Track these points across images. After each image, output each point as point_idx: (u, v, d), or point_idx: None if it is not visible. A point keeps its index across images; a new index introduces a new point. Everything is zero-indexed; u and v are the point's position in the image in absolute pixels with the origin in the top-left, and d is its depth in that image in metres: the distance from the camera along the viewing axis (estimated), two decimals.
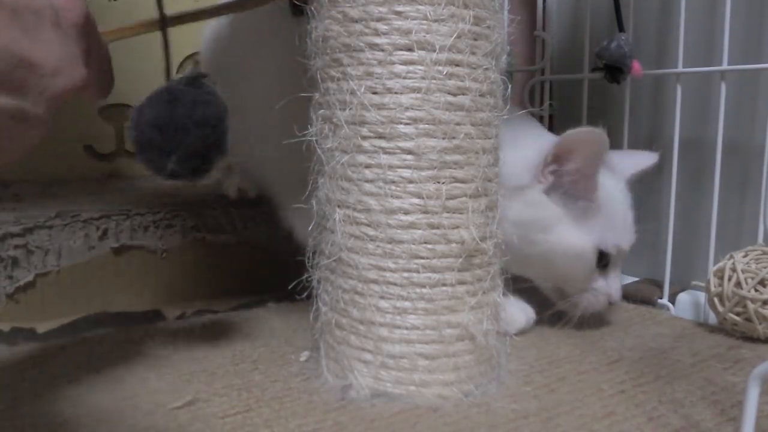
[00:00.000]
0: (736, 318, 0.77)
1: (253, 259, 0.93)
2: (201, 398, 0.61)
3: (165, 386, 0.63)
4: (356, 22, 0.57)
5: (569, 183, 0.74)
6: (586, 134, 0.71)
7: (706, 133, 0.96)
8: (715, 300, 0.80)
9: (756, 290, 0.76)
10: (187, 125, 0.59)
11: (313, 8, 0.61)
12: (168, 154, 0.60)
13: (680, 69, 0.93)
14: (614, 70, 0.73)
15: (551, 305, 0.81)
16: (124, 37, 0.61)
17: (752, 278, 0.76)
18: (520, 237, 0.73)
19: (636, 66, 0.76)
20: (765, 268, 0.76)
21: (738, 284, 0.77)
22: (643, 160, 0.84)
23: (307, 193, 0.64)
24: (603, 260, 0.77)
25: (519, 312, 0.79)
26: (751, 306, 0.75)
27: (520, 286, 0.77)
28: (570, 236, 0.75)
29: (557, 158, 0.74)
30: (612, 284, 0.78)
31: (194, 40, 1.02)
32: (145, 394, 0.62)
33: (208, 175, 0.64)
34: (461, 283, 0.60)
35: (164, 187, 1.01)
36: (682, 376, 0.67)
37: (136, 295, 0.85)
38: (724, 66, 0.88)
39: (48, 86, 0.42)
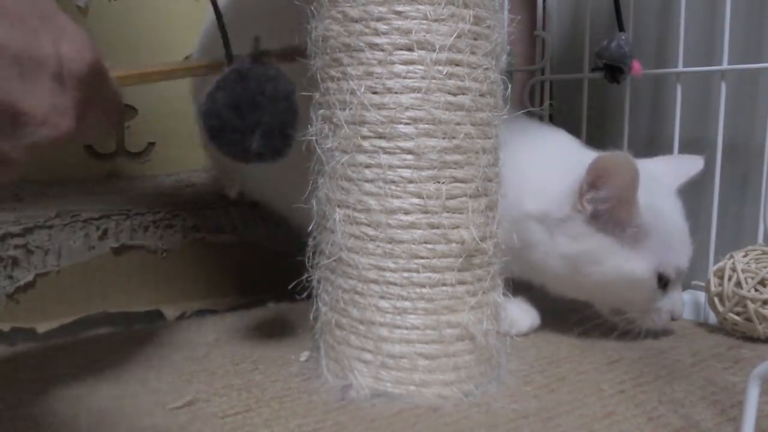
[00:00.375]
0: (736, 318, 0.77)
1: (253, 259, 0.93)
2: (201, 398, 0.60)
3: (165, 386, 0.63)
4: (356, 21, 0.57)
5: (609, 209, 0.71)
6: (617, 158, 0.68)
7: (706, 133, 0.96)
8: (715, 300, 0.80)
9: (756, 290, 0.76)
10: (261, 101, 0.58)
11: (313, 8, 0.61)
12: (250, 134, 0.58)
13: (680, 69, 0.93)
14: (614, 70, 0.73)
15: (566, 309, 0.80)
16: (145, 83, 0.60)
17: (752, 278, 0.76)
18: (571, 269, 0.74)
19: (636, 66, 0.76)
20: (765, 267, 0.76)
21: (738, 284, 0.77)
22: (689, 167, 0.81)
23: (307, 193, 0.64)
24: (663, 280, 0.75)
25: (524, 314, 0.79)
26: (751, 306, 0.75)
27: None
28: (626, 265, 0.73)
29: (592, 185, 0.71)
30: (675, 302, 0.76)
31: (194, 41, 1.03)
32: (145, 394, 0.62)
33: (289, 152, 0.62)
34: (461, 282, 0.60)
35: (164, 187, 1.01)
36: (682, 375, 0.67)
37: (136, 295, 0.85)
38: (725, 66, 0.88)
39: (31, 134, 0.41)
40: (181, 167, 1.06)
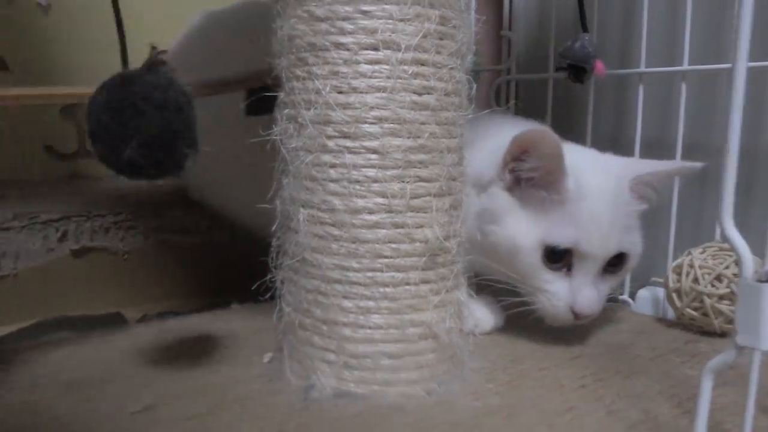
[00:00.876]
0: (694, 313, 0.79)
1: (217, 260, 0.92)
2: (161, 402, 0.60)
3: (125, 390, 0.62)
4: (322, 21, 0.57)
5: (531, 179, 0.72)
6: (534, 134, 0.70)
7: (667, 132, 0.98)
8: (674, 295, 0.81)
9: (713, 285, 0.77)
10: (144, 108, 0.53)
11: (279, 7, 0.60)
12: (125, 141, 0.52)
13: (643, 69, 0.94)
14: (578, 70, 0.74)
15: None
16: None
17: (709, 274, 0.78)
18: (479, 229, 0.73)
19: (599, 66, 0.77)
20: (722, 264, 0.78)
21: (695, 280, 0.79)
22: (654, 166, 0.77)
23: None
24: (558, 259, 0.72)
25: (488, 314, 0.79)
26: (707, 301, 0.77)
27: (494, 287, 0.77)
28: (514, 227, 0.73)
29: (515, 158, 0.72)
30: (577, 292, 0.72)
31: (154, 36, 1.01)
32: (104, 398, 0.61)
33: (179, 172, 0.56)
34: (425, 281, 0.60)
35: (126, 188, 0.99)
36: (641, 370, 0.68)
37: (96, 298, 0.83)
38: (685, 66, 0.89)
39: None
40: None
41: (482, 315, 0.79)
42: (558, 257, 0.72)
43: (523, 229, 0.72)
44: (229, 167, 0.85)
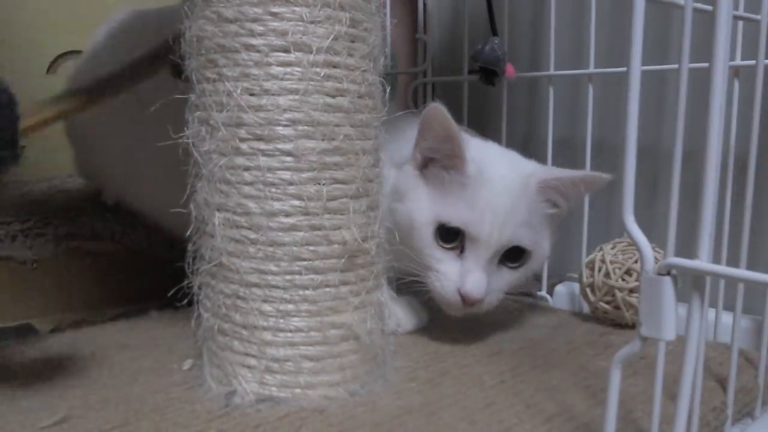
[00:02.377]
0: (606, 306, 0.82)
1: (134, 266, 0.89)
2: (75, 414, 0.58)
3: (35, 404, 0.60)
4: (231, 22, 0.56)
5: (437, 160, 0.74)
6: (429, 110, 0.71)
7: (576, 133, 1.02)
8: (587, 290, 0.84)
9: (623, 279, 0.81)
10: None
11: (186, 7, 0.59)
12: None
13: (552, 72, 0.97)
14: (489, 73, 0.76)
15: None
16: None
17: (619, 268, 0.81)
18: (390, 208, 0.75)
19: (509, 69, 0.80)
20: (631, 258, 0.81)
21: (607, 274, 0.82)
22: (562, 172, 0.77)
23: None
24: (451, 239, 0.73)
25: (410, 313, 0.81)
26: (618, 294, 0.80)
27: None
28: (414, 203, 0.74)
29: (422, 136, 0.74)
30: (465, 274, 0.72)
31: (66, 39, 0.98)
32: (12, 413, 0.58)
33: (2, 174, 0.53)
34: (344, 283, 0.60)
35: (35, 194, 0.96)
36: (557, 364, 0.70)
37: (3, 310, 0.80)
38: (591, 69, 0.93)
39: None
40: (53, 172, 1.01)
41: (404, 315, 0.80)
42: (450, 237, 0.73)
43: (421, 206, 0.74)
44: (145, 167, 0.83)
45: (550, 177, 0.76)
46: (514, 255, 0.75)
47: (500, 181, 0.74)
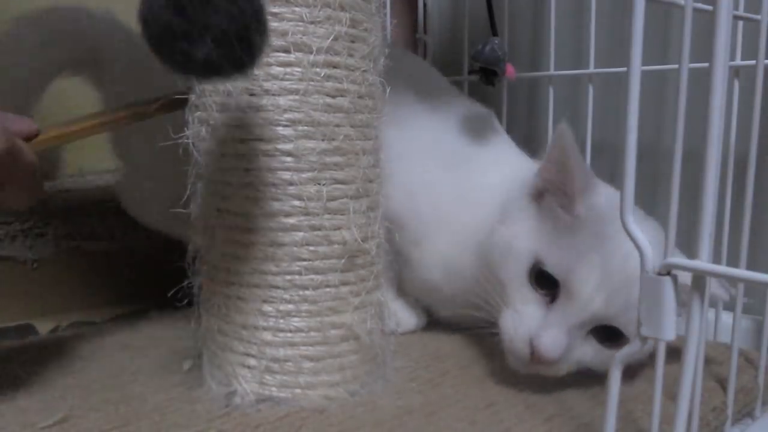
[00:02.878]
0: None
1: (134, 266, 0.90)
2: (75, 415, 0.58)
3: (35, 404, 0.60)
4: None
5: (551, 190, 0.66)
6: (556, 131, 0.64)
7: (577, 132, 1.01)
8: None
9: None
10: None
11: None
12: (199, 40, 0.45)
13: (552, 72, 0.97)
14: (489, 73, 0.76)
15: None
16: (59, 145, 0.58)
17: None
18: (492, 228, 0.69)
19: (509, 69, 0.79)
20: None
21: None
22: None
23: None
24: (545, 284, 0.63)
25: (410, 314, 0.81)
26: None
27: None
28: (518, 229, 0.67)
29: (546, 162, 0.67)
30: (545, 327, 0.61)
31: None
32: (12, 414, 0.58)
33: (254, 67, 0.48)
34: (344, 283, 0.60)
35: None
36: None
37: (4, 310, 0.80)
38: (591, 69, 0.93)
39: None
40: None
41: (404, 315, 0.80)
42: (544, 283, 0.64)
43: (525, 236, 0.66)
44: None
45: None
46: (609, 334, 0.62)
47: (622, 245, 0.55)
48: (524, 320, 0.63)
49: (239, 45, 0.46)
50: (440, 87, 0.90)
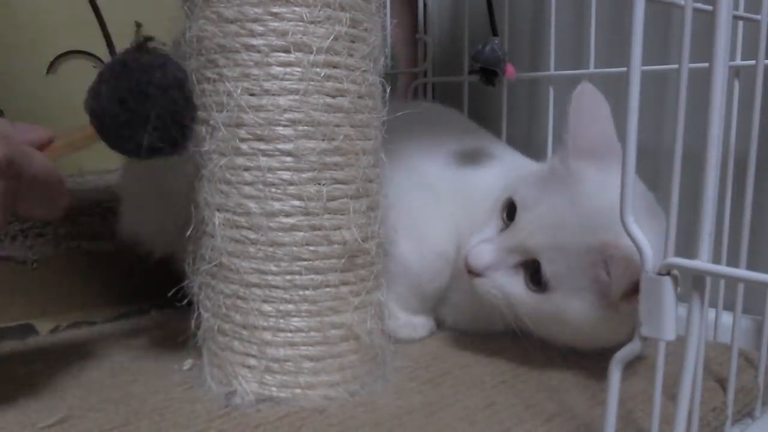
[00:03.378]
0: None
1: (134, 266, 0.89)
2: (75, 414, 0.58)
3: (35, 404, 0.60)
4: (231, 22, 0.56)
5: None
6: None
7: None
8: None
9: None
10: (150, 91, 0.54)
11: (187, 8, 0.59)
12: (140, 128, 0.54)
13: (552, 72, 0.97)
14: (489, 73, 0.76)
15: None
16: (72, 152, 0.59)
17: None
18: None
19: (510, 69, 0.79)
20: None
21: None
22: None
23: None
24: (510, 216, 0.69)
25: (425, 319, 0.80)
26: None
27: None
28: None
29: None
30: (482, 242, 0.69)
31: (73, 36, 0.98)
32: (12, 413, 0.58)
33: (189, 147, 0.57)
34: (344, 283, 0.60)
35: None
36: (557, 364, 0.70)
37: (3, 310, 0.80)
38: (591, 69, 0.93)
39: None
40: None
41: (420, 320, 0.79)
42: (510, 214, 0.69)
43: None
44: None
45: (621, 255, 0.57)
46: (536, 277, 0.66)
47: (582, 196, 0.64)
48: (476, 234, 0.71)
49: (174, 129, 0.55)
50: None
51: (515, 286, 0.67)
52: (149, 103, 0.54)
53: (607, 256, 0.60)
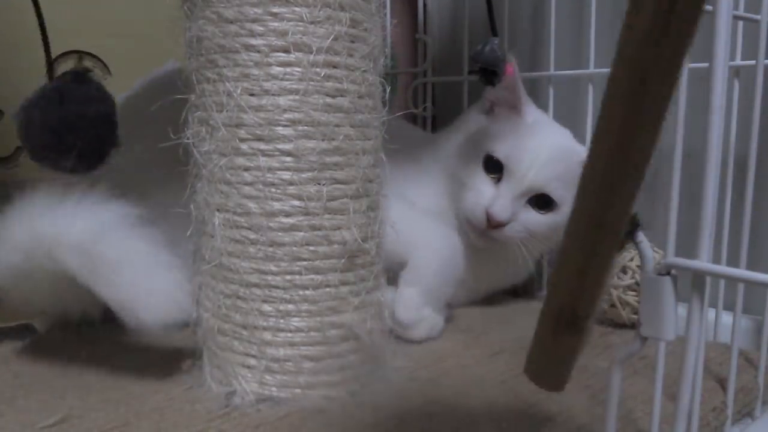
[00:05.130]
0: (603, 305, 0.82)
1: None
2: (74, 414, 0.58)
3: (35, 404, 0.60)
4: (231, 22, 0.56)
5: (498, 104, 0.89)
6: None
7: (576, 131, 1.01)
8: None
9: (618, 277, 0.81)
10: (81, 124, 0.59)
11: (186, 8, 0.59)
12: (65, 154, 0.60)
13: (552, 72, 0.97)
14: (489, 73, 0.76)
15: None
16: None
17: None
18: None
19: (509, 69, 0.79)
20: (626, 256, 0.81)
21: None
22: None
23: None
24: (494, 170, 0.84)
25: (439, 317, 0.80)
26: (614, 292, 0.80)
27: None
28: (472, 136, 0.88)
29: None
30: (496, 199, 0.81)
31: (73, 36, 0.98)
32: (12, 414, 0.58)
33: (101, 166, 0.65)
34: (344, 283, 0.60)
35: None
36: None
37: (3, 309, 0.79)
38: (591, 69, 0.93)
39: None
40: (53, 173, 1.00)
41: (436, 320, 0.79)
42: (494, 169, 0.84)
43: (479, 135, 0.87)
44: None
45: None
46: (542, 201, 0.83)
47: (548, 137, 0.85)
48: (480, 194, 0.84)
49: (95, 157, 0.63)
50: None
51: (532, 217, 0.83)
52: (78, 134, 0.60)
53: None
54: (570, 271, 0.34)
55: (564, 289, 0.35)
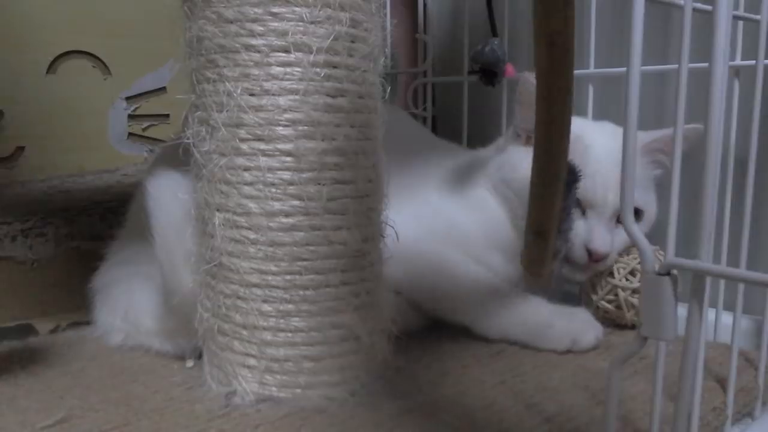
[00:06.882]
0: (608, 305, 0.82)
1: None
2: (75, 415, 0.58)
3: (35, 404, 0.60)
4: (231, 22, 0.56)
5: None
6: (520, 83, 0.77)
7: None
8: (589, 287, 0.84)
9: (627, 279, 0.81)
10: None
11: (186, 8, 0.59)
12: None
13: None
14: (489, 73, 0.76)
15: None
16: None
17: (624, 268, 0.81)
18: (502, 180, 0.82)
19: (510, 69, 0.79)
20: (636, 259, 0.81)
21: (611, 273, 0.82)
22: (661, 132, 0.81)
23: None
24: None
25: (589, 325, 0.77)
26: (621, 294, 0.80)
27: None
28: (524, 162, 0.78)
29: (518, 111, 0.80)
30: (590, 231, 0.78)
31: (73, 36, 0.98)
32: (12, 414, 0.58)
33: None
34: (344, 283, 0.60)
35: (35, 194, 0.95)
36: (557, 364, 0.70)
37: (3, 309, 0.80)
38: (591, 69, 0.93)
39: None
40: (53, 172, 1.01)
41: (583, 328, 0.76)
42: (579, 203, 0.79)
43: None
44: None
45: (650, 139, 0.80)
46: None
47: (602, 147, 0.79)
48: (574, 233, 0.78)
49: None
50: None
51: (622, 238, 0.80)
52: None
53: (655, 149, 0.80)
54: (536, 201, 0.52)
55: (534, 210, 0.53)
